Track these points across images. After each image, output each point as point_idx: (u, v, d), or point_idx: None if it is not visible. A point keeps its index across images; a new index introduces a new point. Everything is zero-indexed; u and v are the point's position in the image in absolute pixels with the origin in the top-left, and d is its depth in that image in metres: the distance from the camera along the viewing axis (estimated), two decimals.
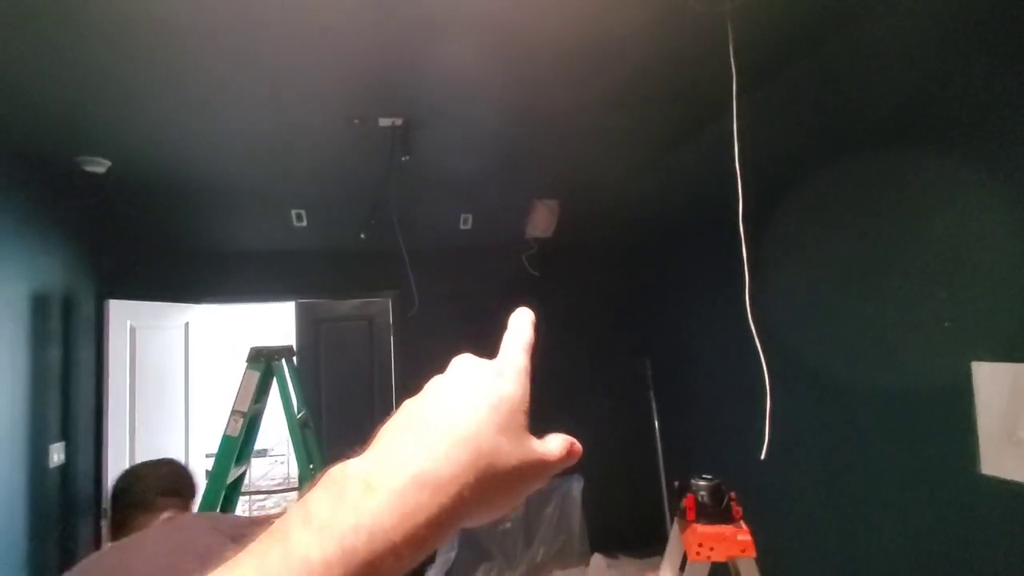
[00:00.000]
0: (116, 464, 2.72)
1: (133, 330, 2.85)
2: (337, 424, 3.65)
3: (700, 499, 1.63)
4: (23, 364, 2.39)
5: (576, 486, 3.87)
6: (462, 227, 3.72)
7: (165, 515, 1.21)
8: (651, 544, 3.87)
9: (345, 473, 0.25)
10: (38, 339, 2.49)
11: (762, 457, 1.38)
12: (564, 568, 3.70)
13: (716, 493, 1.65)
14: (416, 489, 0.24)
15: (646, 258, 4.08)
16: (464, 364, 0.32)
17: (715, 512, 1.62)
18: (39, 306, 2.50)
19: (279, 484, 6.41)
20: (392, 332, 3.78)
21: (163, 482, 1.29)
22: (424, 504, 0.24)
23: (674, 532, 1.81)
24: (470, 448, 0.26)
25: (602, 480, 3.94)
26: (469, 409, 0.28)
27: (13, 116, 2.11)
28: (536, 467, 0.30)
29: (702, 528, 1.56)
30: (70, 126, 2.25)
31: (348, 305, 3.73)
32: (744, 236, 1.50)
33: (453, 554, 3.57)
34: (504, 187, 3.38)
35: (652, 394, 3.92)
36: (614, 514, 3.94)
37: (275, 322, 4.61)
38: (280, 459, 6.84)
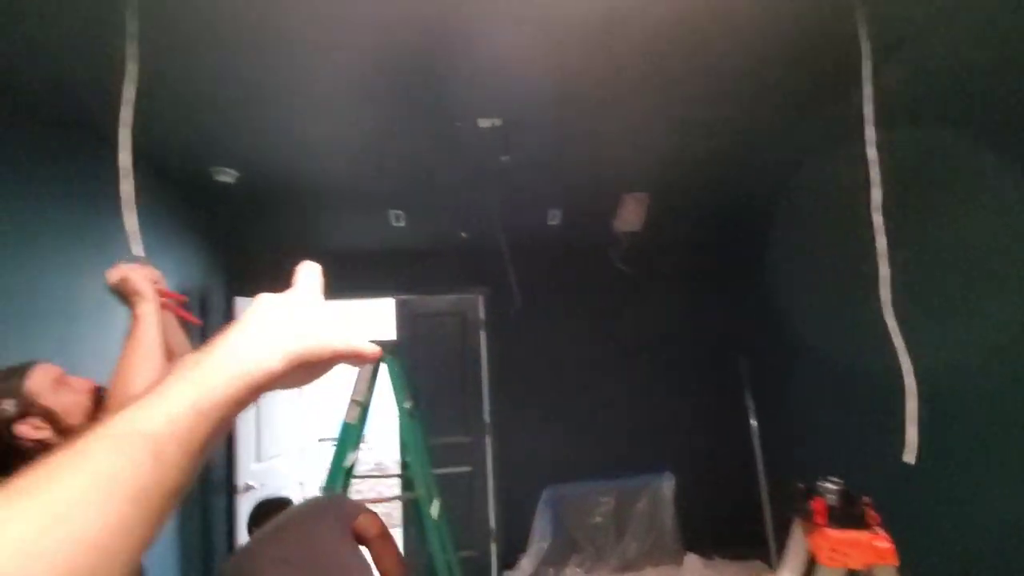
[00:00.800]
0: (245, 443, 3.00)
1: None
2: (429, 414, 3.80)
3: (830, 503, 1.56)
4: None
5: (667, 484, 3.80)
6: (550, 223, 3.74)
7: None
8: (748, 546, 3.74)
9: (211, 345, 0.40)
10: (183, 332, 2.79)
11: (912, 462, 1.30)
12: (656, 566, 3.66)
13: (847, 498, 1.58)
14: (235, 361, 0.39)
15: (743, 251, 3.91)
16: (275, 296, 0.46)
17: (847, 517, 1.55)
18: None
19: (372, 470, 6.78)
20: (483, 327, 3.88)
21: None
22: (243, 373, 0.39)
23: (796, 535, 1.75)
24: (282, 346, 0.41)
25: (694, 478, 3.85)
26: (272, 322, 0.42)
27: (161, 136, 2.37)
28: (330, 358, 0.43)
29: (835, 533, 1.50)
30: (206, 141, 2.50)
31: (443, 301, 3.87)
32: (883, 231, 1.41)
33: (546, 544, 3.63)
34: (593, 181, 3.36)
35: (748, 392, 3.78)
36: (707, 513, 3.85)
37: (374, 317, 4.86)
38: (370, 447, 7.23)
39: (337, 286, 3.91)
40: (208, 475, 3.01)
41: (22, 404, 1.05)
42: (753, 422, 3.73)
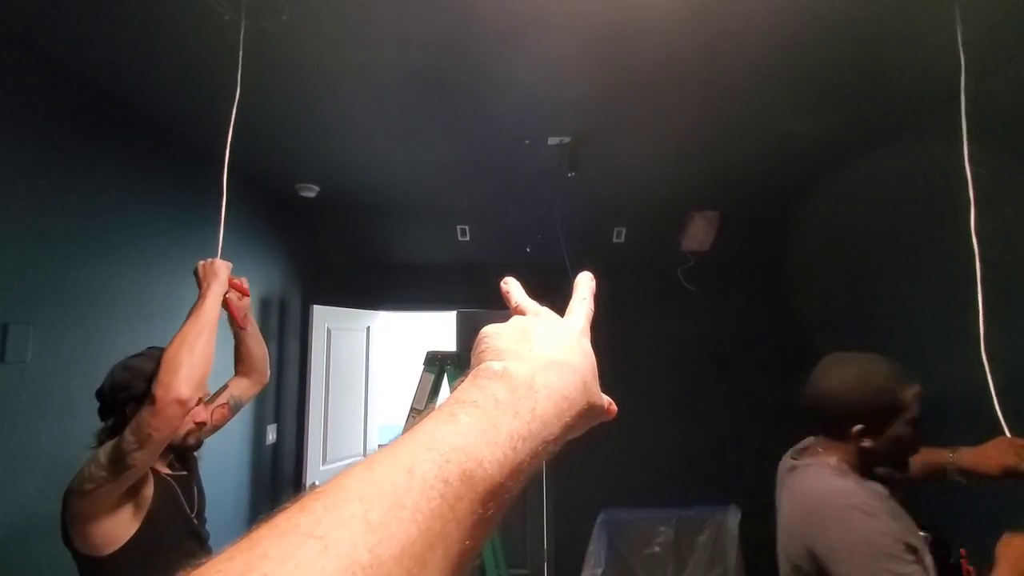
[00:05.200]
0: (314, 445, 3.15)
1: (329, 331, 3.29)
2: None
3: None
4: None
5: (732, 517, 3.60)
6: (615, 240, 3.71)
7: None
8: None
9: (507, 373, 0.32)
10: (263, 335, 2.98)
11: None
12: None
13: (940, 548, 1.43)
14: (561, 399, 0.32)
15: (823, 273, 3.68)
16: (556, 317, 0.41)
17: (940, 570, 1.41)
18: (263, 309, 3.00)
19: None
20: None
21: None
22: (564, 412, 0.32)
23: None
24: (583, 384, 0.34)
25: (763, 513, 3.61)
26: (579, 355, 0.36)
27: (256, 155, 2.57)
28: (602, 411, 0.37)
29: None
30: (293, 158, 2.68)
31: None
32: (979, 254, 1.29)
33: (600, 570, 3.53)
34: (661, 199, 3.31)
35: None
36: (776, 552, 3.60)
37: (434, 330, 4.99)
38: None
39: (405, 297, 4.04)
40: (279, 472, 3.18)
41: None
42: None
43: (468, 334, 4.08)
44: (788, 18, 1.59)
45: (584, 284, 0.45)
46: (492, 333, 0.37)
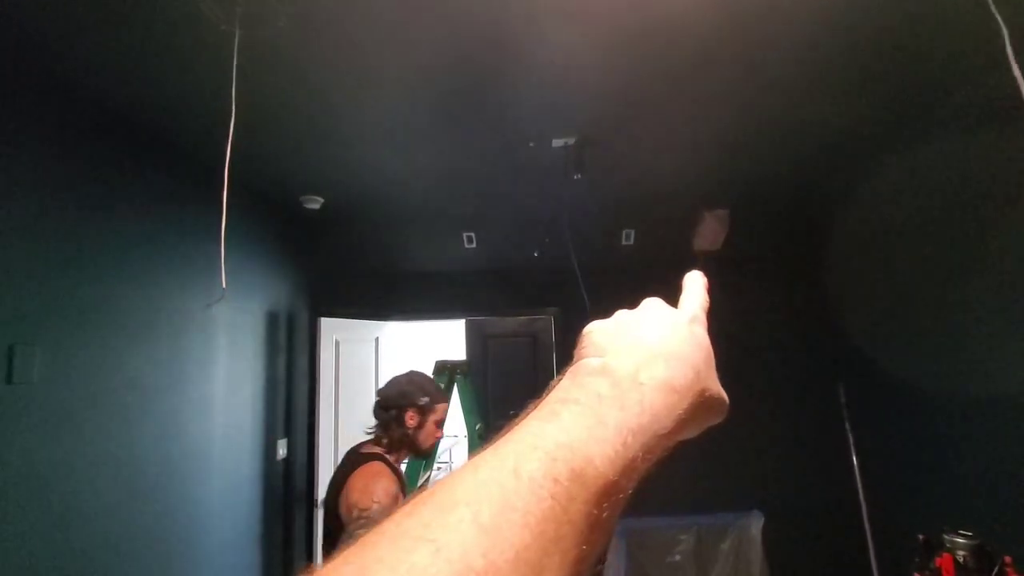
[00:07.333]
0: (325, 460, 3.11)
1: (337, 343, 3.26)
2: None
3: (959, 560, 1.35)
4: (260, 370, 2.86)
5: (755, 523, 3.50)
6: (624, 243, 3.65)
7: None
8: None
9: (608, 368, 0.29)
10: (270, 350, 2.96)
11: None
12: None
13: (981, 555, 1.36)
14: (670, 392, 0.29)
15: (841, 271, 3.59)
16: (664, 307, 0.36)
17: None
18: (271, 323, 2.98)
19: None
20: (555, 348, 3.82)
21: None
22: (675, 405, 0.29)
23: None
24: (695, 374, 0.31)
25: (786, 519, 3.52)
26: (689, 344, 0.33)
27: (259, 169, 2.56)
28: (721, 404, 0.34)
29: None
30: (297, 171, 2.67)
31: (514, 322, 3.86)
32: None
33: None
34: (670, 199, 3.25)
35: (848, 425, 3.43)
36: (801, 559, 3.50)
37: (444, 338, 4.95)
38: (442, 466, 7.30)
39: (413, 307, 4.00)
40: (291, 488, 3.14)
41: (425, 405, 1.65)
42: (855, 459, 3.37)
43: (477, 342, 4.04)
44: (806, 5, 1.54)
45: (693, 280, 0.42)
46: (593, 329, 0.35)
